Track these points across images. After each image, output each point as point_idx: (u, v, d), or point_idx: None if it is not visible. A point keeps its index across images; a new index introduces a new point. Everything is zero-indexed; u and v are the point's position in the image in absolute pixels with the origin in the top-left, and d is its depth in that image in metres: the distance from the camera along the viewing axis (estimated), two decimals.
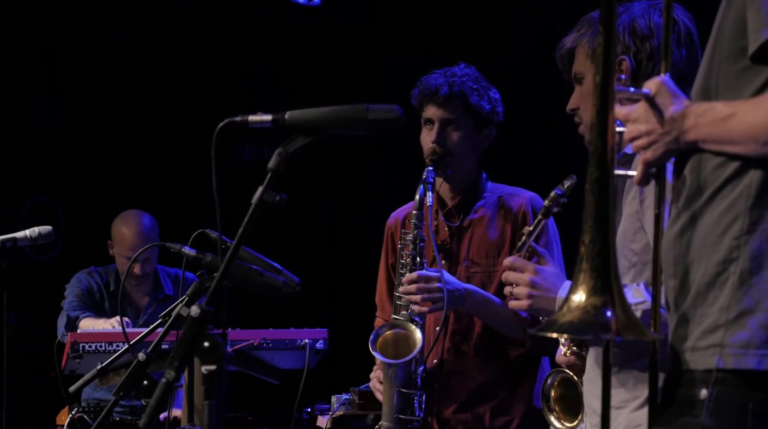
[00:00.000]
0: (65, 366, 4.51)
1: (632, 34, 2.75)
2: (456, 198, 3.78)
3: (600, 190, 1.92)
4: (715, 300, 1.96)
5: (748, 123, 1.90)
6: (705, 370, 1.95)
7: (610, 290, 1.88)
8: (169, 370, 1.99)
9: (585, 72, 2.85)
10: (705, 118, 1.94)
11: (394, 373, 3.58)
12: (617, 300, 1.88)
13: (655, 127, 1.98)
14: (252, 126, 2.11)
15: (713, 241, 1.97)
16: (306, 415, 4.77)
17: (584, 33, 2.86)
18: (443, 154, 3.68)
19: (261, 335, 4.48)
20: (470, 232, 3.74)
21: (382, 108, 2.10)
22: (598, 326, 1.87)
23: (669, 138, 1.98)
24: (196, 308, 1.99)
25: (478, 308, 3.61)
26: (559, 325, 1.90)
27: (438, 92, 3.69)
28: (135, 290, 5.50)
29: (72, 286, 5.45)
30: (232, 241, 2.06)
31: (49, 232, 3.93)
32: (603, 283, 1.88)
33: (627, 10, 2.81)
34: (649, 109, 1.99)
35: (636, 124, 2.01)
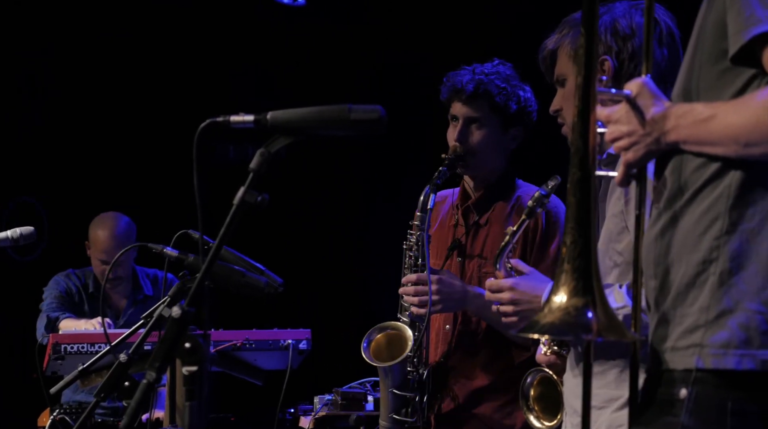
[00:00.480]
0: (47, 367, 4.49)
1: (614, 34, 2.76)
2: (478, 195, 3.74)
3: (581, 191, 1.92)
4: (695, 300, 1.97)
5: (728, 124, 1.91)
6: (685, 369, 1.96)
7: (591, 291, 1.88)
8: (150, 371, 1.99)
9: (567, 74, 2.86)
10: (686, 120, 1.95)
11: (388, 374, 3.57)
12: (598, 301, 1.88)
13: (636, 129, 1.99)
14: (234, 126, 2.10)
15: (693, 241, 1.98)
16: (289, 415, 4.77)
17: (566, 34, 2.87)
18: (464, 153, 3.65)
19: (244, 336, 4.47)
20: (486, 229, 3.70)
21: (364, 108, 2.10)
22: (579, 327, 1.87)
23: (650, 139, 1.98)
24: (177, 309, 1.99)
25: (481, 311, 3.58)
26: (541, 326, 1.90)
27: (464, 90, 3.64)
28: (114, 292, 5.48)
29: (50, 288, 5.43)
30: (215, 242, 2.05)
31: (30, 233, 3.91)
32: (584, 284, 1.88)
33: (609, 10, 2.81)
34: (630, 110, 1.99)
35: (617, 125, 2.01)
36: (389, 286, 3.75)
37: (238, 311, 5.06)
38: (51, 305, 5.32)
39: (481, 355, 3.66)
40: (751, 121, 1.88)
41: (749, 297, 1.93)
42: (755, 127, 1.88)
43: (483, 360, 3.65)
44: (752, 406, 1.91)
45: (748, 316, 1.92)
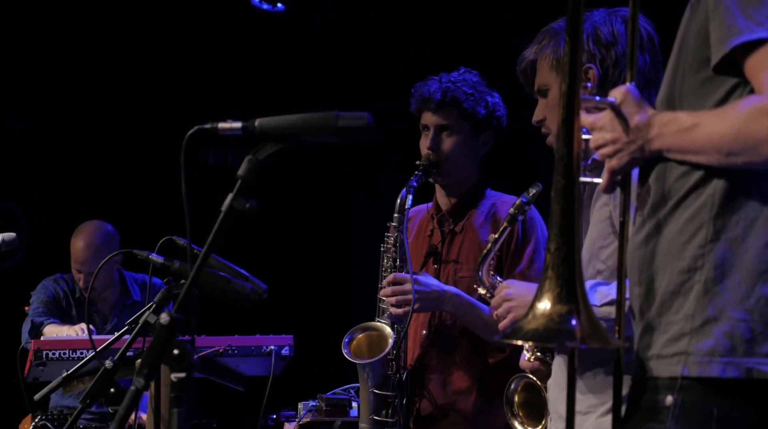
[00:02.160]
0: (28, 373, 4.47)
1: (596, 42, 2.77)
2: (451, 203, 3.78)
3: (565, 198, 1.93)
4: (680, 308, 1.98)
5: (711, 133, 1.92)
6: (670, 377, 1.97)
7: (575, 298, 1.89)
8: (138, 377, 1.98)
9: (550, 83, 2.86)
10: (669, 128, 1.96)
11: (368, 374, 3.59)
12: (582, 308, 1.88)
13: (621, 136, 2.00)
14: (222, 133, 2.11)
15: (678, 249, 1.99)
16: (271, 422, 4.76)
17: (546, 44, 2.87)
18: (437, 161, 3.69)
19: (226, 342, 4.47)
20: (462, 237, 3.74)
21: (351, 115, 2.10)
22: (562, 334, 1.88)
23: (634, 146, 1.99)
24: (165, 316, 1.99)
25: (458, 311, 3.62)
26: (525, 332, 1.90)
27: (432, 99, 3.70)
28: (100, 298, 5.47)
29: (38, 292, 5.42)
30: (200, 248, 2.05)
31: (13, 239, 3.90)
32: (568, 291, 1.89)
33: (588, 18, 2.82)
34: (614, 117, 2.00)
35: (601, 132, 2.02)
36: (372, 292, 3.76)
37: (221, 317, 5.06)
38: (37, 310, 5.30)
39: (457, 358, 3.69)
40: (733, 131, 1.90)
41: (733, 305, 1.94)
42: (737, 137, 1.89)
43: (459, 362, 3.68)
44: (737, 413, 1.92)
45: (732, 325, 1.93)
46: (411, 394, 3.65)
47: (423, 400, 3.68)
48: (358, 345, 3.64)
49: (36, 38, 6.59)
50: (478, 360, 3.67)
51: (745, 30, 1.91)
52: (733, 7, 1.92)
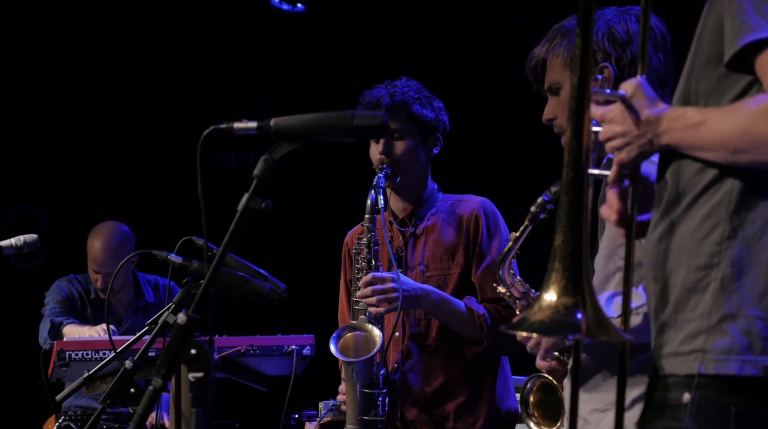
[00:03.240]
0: (51, 374, 4.49)
1: (611, 41, 2.76)
2: (407, 209, 3.84)
3: (574, 190, 1.92)
4: (696, 306, 1.97)
5: (718, 131, 1.91)
6: (687, 375, 1.96)
7: (581, 291, 1.87)
8: (156, 377, 1.99)
9: (563, 82, 2.85)
10: (678, 123, 1.95)
11: (356, 374, 3.61)
12: (588, 300, 1.87)
13: (630, 129, 1.99)
14: (237, 133, 2.11)
15: (694, 246, 1.98)
16: (293, 421, 4.77)
17: (559, 43, 2.86)
18: (391, 165, 3.74)
19: (248, 342, 4.48)
20: (423, 238, 3.79)
21: (366, 114, 2.11)
22: (567, 326, 1.87)
23: (643, 140, 1.99)
24: (182, 315, 2.00)
25: (434, 308, 3.66)
26: (530, 323, 1.89)
27: (380, 103, 3.74)
28: (115, 299, 5.48)
29: (52, 293, 5.44)
30: (219, 248, 2.06)
31: (34, 241, 3.92)
32: (574, 283, 1.88)
33: (601, 16, 2.81)
34: (624, 110, 2.00)
35: (611, 125, 2.01)
36: None
37: (242, 317, 5.07)
38: (54, 310, 5.33)
39: (435, 356, 3.72)
40: (739, 129, 1.89)
41: (750, 303, 1.93)
42: (743, 135, 1.89)
43: (439, 360, 3.72)
44: (754, 411, 1.91)
45: (749, 322, 1.93)
46: (394, 395, 3.68)
47: (406, 400, 3.71)
48: (345, 344, 3.66)
49: (55, 40, 6.62)
50: (455, 355, 3.71)
51: (756, 28, 1.90)
52: (746, 3, 1.91)
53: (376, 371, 3.63)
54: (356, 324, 3.69)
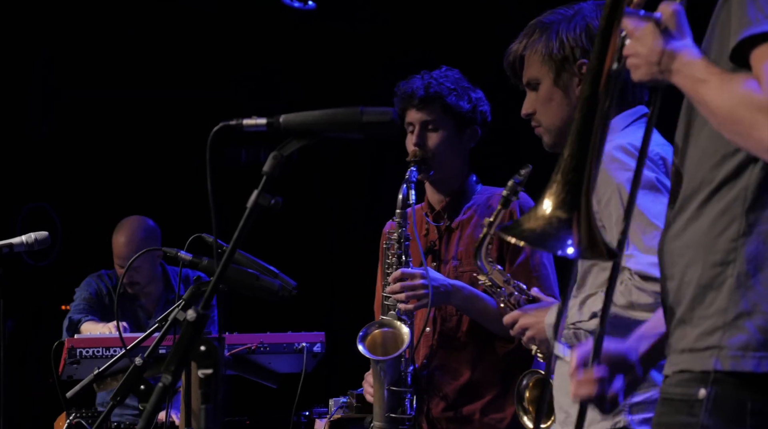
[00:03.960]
0: (62, 371, 4.51)
1: (589, 37, 2.80)
2: (444, 201, 3.77)
3: (588, 107, 1.92)
4: (712, 302, 1.96)
5: (711, 99, 1.91)
6: (702, 371, 1.96)
7: (578, 206, 1.86)
8: (165, 374, 1.99)
9: (541, 78, 2.88)
10: (686, 71, 1.95)
11: (383, 371, 3.58)
12: (583, 219, 1.85)
13: (650, 53, 1.97)
14: (247, 130, 2.11)
15: (710, 243, 1.98)
16: (304, 418, 4.77)
17: (537, 39, 2.88)
18: (424, 157, 3.68)
19: (258, 339, 4.48)
20: (458, 232, 3.73)
21: (376, 110, 2.10)
22: (557, 241, 1.86)
23: (656, 69, 1.98)
24: (192, 312, 1.99)
25: (465, 304, 3.61)
26: (521, 230, 1.88)
27: (414, 95, 3.70)
28: (144, 292, 5.48)
29: (81, 289, 5.43)
30: (228, 245, 2.06)
31: (45, 238, 3.93)
32: (573, 198, 1.86)
33: (578, 12, 2.84)
34: (653, 32, 1.98)
35: (637, 42, 1.99)
36: None
37: (253, 315, 5.07)
38: (77, 307, 5.32)
39: (465, 352, 3.67)
40: (725, 109, 1.89)
41: (767, 299, 1.92)
42: (727, 116, 1.89)
43: (468, 357, 3.67)
44: None
45: (765, 319, 1.92)
46: (421, 391, 3.64)
47: (434, 399, 3.67)
48: (372, 341, 3.63)
49: (66, 37, 6.63)
50: (488, 353, 3.66)
51: (753, 22, 1.89)
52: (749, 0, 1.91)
53: (404, 368, 3.59)
54: (384, 320, 3.65)
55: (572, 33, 2.82)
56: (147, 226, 5.51)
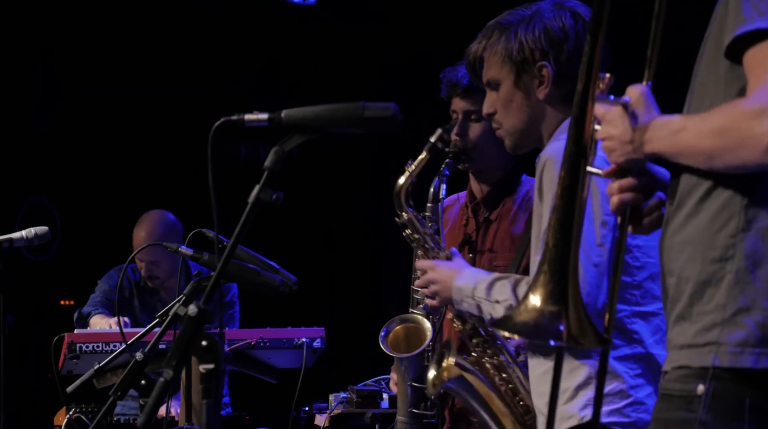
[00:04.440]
0: (62, 366, 4.50)
1: (548, 39, 2.80)
2: (484, 191, 3.72)
3: (569, 195, 1.94)
4: (711, 298, 1.97)
5: (694, 136, 1.91)
6: (701, 367, 1.96)
7: (565, 298, 1.89)
8: (166, 369, 1.99)
9: (502, 79, 2.88)
10: (660, 131, 1.96)
11: (406, 368, 3.57)
12: (572, 310, 1.89)
13: (623, 135, 2.00)
14: (248, 125, 2.11)
15: (709, 239, 1.98)
16: (303, 413, 4.77)
17: (497, 40, 2.88)
18: (464, 148, 3.63)
19: (258, 334, 4.48)
20: (497, 224, 3.68)
21: (378, 106, 2.10)
22: (549, 333, 1.89)
23: (630, 148, 2.00)
24: (193, 307, 1.99)
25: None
26: (514, 323, 1.91)
27: (459, 84, 3.63)
28: (164, 287, 5.47)
29: (102, 282, 5.41)
30: (229, 240, 2.06)
31: (45, 233, 3.93)
32: (561, 289, 1.90)
33: (536, 12, 2.84)
34: (623, 114, 2.00)
35: (609, 126, 2.02)
36: (403, 283, 3.75)
37: (253, 310, 5.07)
38: (94, 299, 5.30)
39: None
40: (713, 134, 1.89)
41: (765, 295, 1.92)
42: (716, 140, 1.88)
43: None
44: None
45: (764, 315, 1.92)
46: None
47: None
48: (395, 337, 3.60)
49: (66, 33, 6.63)
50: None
51: (747, 19, 1.88)
52: None
53: (427, 364, 3.57)
54: (406, 316, 3.63)
55: (531, 35, 2.82)
56: (167, 220, 5.49)
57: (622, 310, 2.68)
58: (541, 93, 2.83)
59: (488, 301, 2.76)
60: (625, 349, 2.69)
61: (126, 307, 5.36)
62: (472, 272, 2.90)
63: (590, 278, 2.60)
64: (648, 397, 2.68)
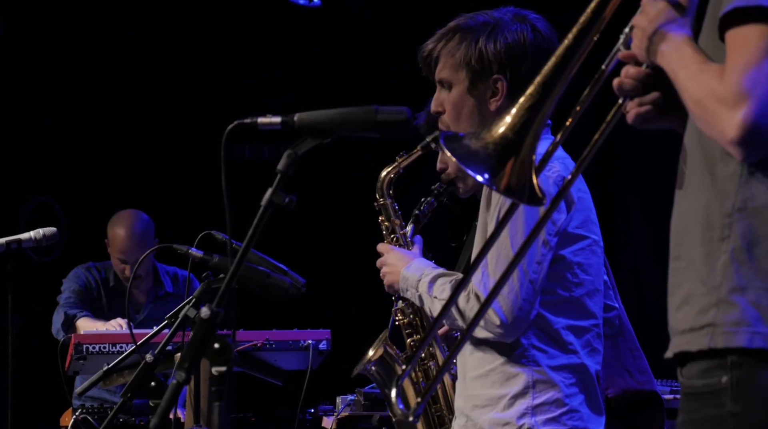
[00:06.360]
0: (68, 367, 4.51)
1: (507, 54, 2.80)
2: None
3: (564, 57, 2.00)
4: (707, 279, 1.95)
5: (686, 87, 1.92)
6: (699, 351, 1.93)
7: (519, 144, 1.92)
8: (179, 371, 1.99)
9: (455, 82, 2.87)
10: (671, 55, 1.96)
11: None
12: (523, 156, 1.91)
13: (647, 27, 1.99)
14: (261, 128, 2.11)
15: (706, 220, 1.97)
16: (309, 416, 4.78)
17: (457, 45, 2.86)
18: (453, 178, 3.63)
19: (264, 336, 4.49)
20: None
21: (391, 110, 2.10)
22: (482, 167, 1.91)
23: (645, 45, 2.00)
24: (206, 309, 1.99)
25: None
26: (459, 146, 1.93)
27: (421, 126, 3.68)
28: (135, 288, 5.48)
29: (69, 280, 5.43)
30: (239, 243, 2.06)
31: (53, 234, 3.93)
32: (516, 134, 1.93)
33: (499, 24, 2.83)
34: (662, 11, 1.99)
35: (642, 15, 2.01)
36: None
37: (259, 312, 5.07)
38: (69, 300, 5.31)
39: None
40: (695, 100, 1.90)
41: (760, 275, 1.91)
42: (695, 108, 1.90)
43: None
44: None
45: (759, 295, 1.90)
46: None
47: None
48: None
49: (71, 33, 6.63)
50: None
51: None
52: None
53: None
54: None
55: (492, 47, 2.81)
56: (143, 218, 5.54)
57: (558, 322, 2.72)
58: (493, 104, 2.83)
59: (428, 296, 2.78)
60: (561, 359, 2.73)
61: (96, 306, 5.36)
62: (421, 264, 2.91)
63: (525, 294, 2.64)
64: (581, 405, 2.72)
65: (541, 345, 2.71)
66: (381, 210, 3.30)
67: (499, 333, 2.66)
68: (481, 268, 2.68)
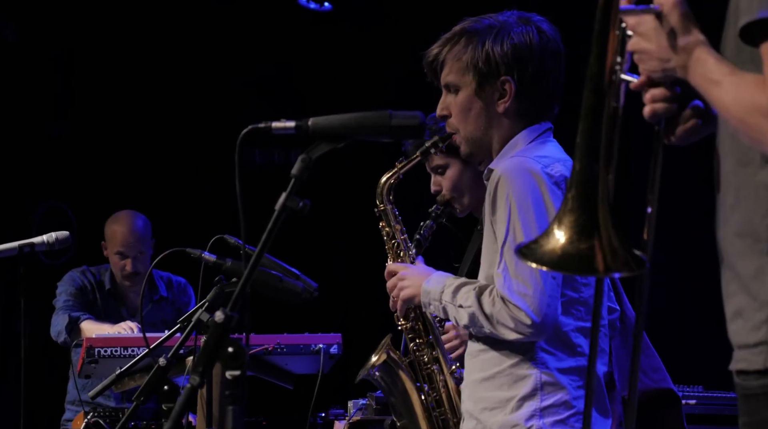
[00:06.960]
0: (80, 371, 4.52)
1: (515, 55, 2.80)
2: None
3: (594, 115, 1.86)
4: (758, 293, 1.88)
5: (723, 102, 1.85)
6: (756, 371, 1.87)
7: (596, 222, 1.79)
8: (193, 375, 2.00)
9: (462, 85, 2.86)
10: (699, 69, 1.88)
11: None
12: (604, 233, 1.78)
13: (659, 50, 1.91)
14: (275, 133, 2.11)
15: (752, 229, 1.89)
16: (320, 420, 4.78)
17: (463, 48, 2.87)
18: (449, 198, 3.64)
19: (275, 340, 4.49)
20: None
21: (404, 114, 2.11)
22: (581, 261, 1.79)
23: (668, 65, 1.92)
24: (220, 314, 2.00)
25: None
26: (541, 254, 1.80)
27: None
28: (130, 291, 5.47)
29: (65, 283, 5.40)
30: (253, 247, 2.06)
31: (66, 238, 3.95)
32: (589, 218, 1.79)
33: (504, 27, 2.84)
34: (658, 27, 1.91)
35: (641, 39, 1.93)
36: None
37: (270, 316, 5.08)
38: (68, 303, 5.29)
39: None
40: (738, 117, 1.83)
41: None
42: (740, 125, 1.84)
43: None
44: None
45: None
46: None
47: None
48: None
49: (83, 37, 6.65)
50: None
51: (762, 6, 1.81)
52: None
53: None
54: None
55: (499, 48, 2.82)
56: (141, 216, 5.55)
57: (567, 324, 2.72)
58: (501, 106, 2.84)
59: (453, 306, 2.78)
60: (569, 361, 2.73)
61: (92, 309, 5.35)
62: (441, 276, 2.91)
63: (550, 290, 2.65)
64: None
65: (549, 347, 2.72)
66: (381, 216, 3.31)
67: (530, 333, 2.66)
68: (502, 273, 2.68)
